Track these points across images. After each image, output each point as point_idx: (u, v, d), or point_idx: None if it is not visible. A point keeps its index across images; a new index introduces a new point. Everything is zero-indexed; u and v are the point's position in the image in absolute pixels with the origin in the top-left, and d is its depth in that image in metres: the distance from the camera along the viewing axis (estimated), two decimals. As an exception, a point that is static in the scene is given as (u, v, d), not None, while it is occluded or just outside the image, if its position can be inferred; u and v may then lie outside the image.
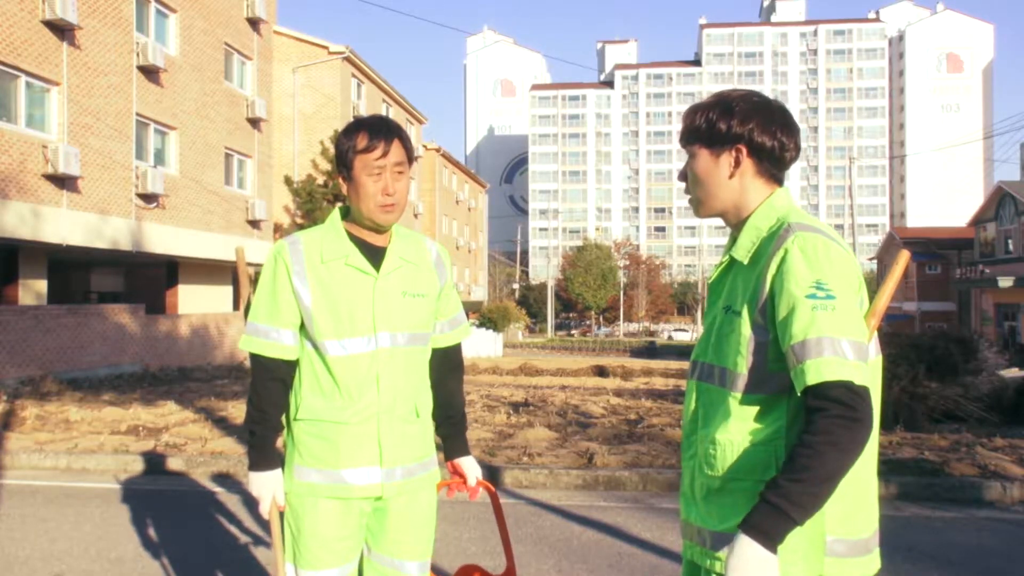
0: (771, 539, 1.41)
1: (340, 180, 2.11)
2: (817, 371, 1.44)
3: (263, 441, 2.10)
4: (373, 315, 2.07)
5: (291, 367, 2.12)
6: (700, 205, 1.77)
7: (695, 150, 1.73)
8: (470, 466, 2.32)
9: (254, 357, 2.11)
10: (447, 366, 2.32)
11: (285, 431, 2.17)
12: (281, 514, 2.17)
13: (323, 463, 2.07)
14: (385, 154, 2.05)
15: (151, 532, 5.01)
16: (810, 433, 1.43)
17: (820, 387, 1.44)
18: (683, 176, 1.80)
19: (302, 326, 2.10)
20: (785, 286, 1.53)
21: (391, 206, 2.07)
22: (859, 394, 1.44)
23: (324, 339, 2.05)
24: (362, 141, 2.05)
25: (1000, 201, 37.92)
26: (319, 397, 2.08)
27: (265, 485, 2.10)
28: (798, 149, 1.71)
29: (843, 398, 1.43)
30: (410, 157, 2.13)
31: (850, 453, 1.42)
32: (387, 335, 2.09)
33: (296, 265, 2.07)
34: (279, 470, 2.12)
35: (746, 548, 1.41)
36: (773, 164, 1.69)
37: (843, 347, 1.46)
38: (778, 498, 1.41)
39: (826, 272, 1.52)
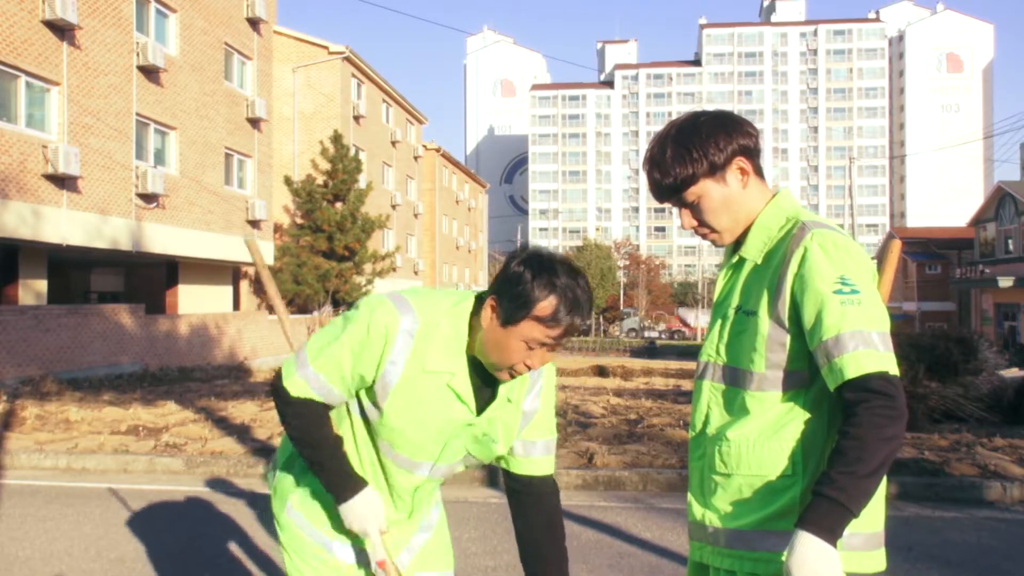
0: (833, 533, 1.41)
1: (490, 309, 1.67)
2: (857, 365, 1.46)
3: (336, 465, 1.74)
4: (441, 452, 1.80)
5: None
6: (726, 233, 1.73)
7: (699, 189, 1.68)
8: None
9: (291, 398, 1.74)
10: (540, 503, 1.86)
11: (297, 463, 1.90)
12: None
13: (316, 524, 1.86)
14: (563, 336, 1.65)
15: (151, 532, 5.01)
16: (855, 426, 1.44)
17: (859, 380, 1.46)
18: (694, 221, 1.73)
19: (359, 394, 1.80)
20: (809, 284, 1.54)
21: (520, 375, 1.73)
22: (896, 385, 1.47)
23: (382, 440, 1.79)
24: (548, 309, 1.62)
25: (1000, 201, 37.93)
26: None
27: (363, 514, 1.73)
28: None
29: (883, 389, 1.45)
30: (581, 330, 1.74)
31: (894, 442, 1.44)
32: (444, 467, 1.84)
33: (396, 354, 1.69)
34: (369, 488, 1.76)
35: (808, 545, 1.40)
36: (758, 158, 1.73)
37: (874, 339, 1.49)
38: (835, 492, 1.41)
39: (848, 267, 1.54)
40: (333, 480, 1.74)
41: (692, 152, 1.66)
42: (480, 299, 1.76)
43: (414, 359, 1.70)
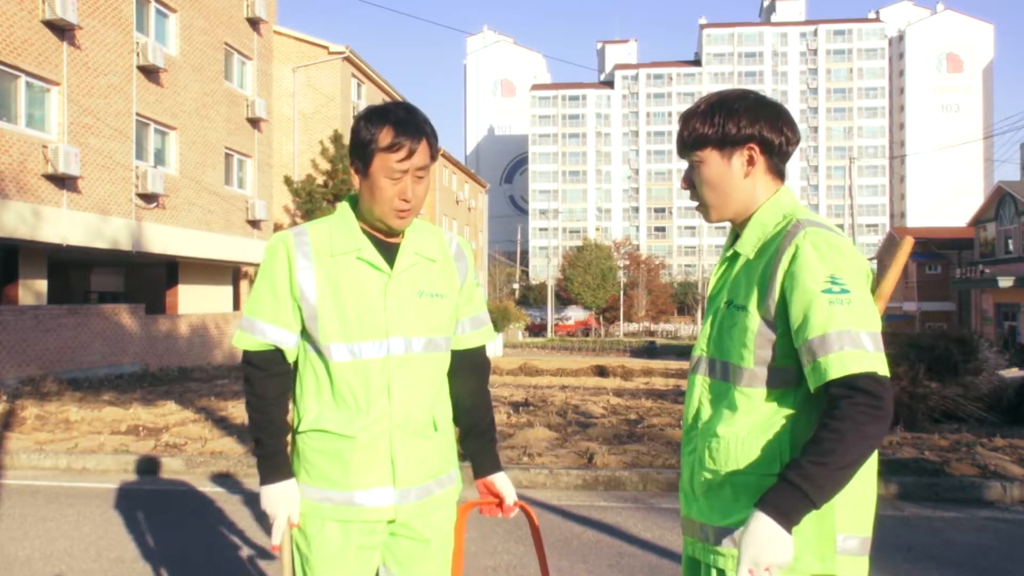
0: (788, 519, 1.41)
1: (352, 172, 1.89)
2: (841, 364, 1.45)
3: (271, 449, 1.90)
4: (386, 318, 1.88)
5: (289, 365, 1.95)
6: (712, 210, 1.74)
7: (704, 155, 1.70)
8: (504, 484, 2.03)
9: (249, 356, 1.92)
10: (468, 370, 2.07)
11: (291, 445, 1.98)
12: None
13: (331, 483, 1.88)
14: (410, 156, 1.83)
15: (151, 532, 5.01)
16: (836, 418, 1.43)
17: (844, 379, 1.45)
18: (688, 183, 1.77)
19: (303, 329, 1.91)
20: (799, 281, 1.53)
21: (406, 212, 1.87)
22: (884, 385, 1.46)
23: (329, 342, 1.86)
24: (386, 138, 1.82)
25: (1000, 201, 37.94)
26: (324, 407, 1.89)
27: (278, 500, 1.88)
28: (799, 141, 1.74)
29: (869, 388, 1.44)
30: (434, 155, 1.91)
31: (873, 441, 1.43)
32: (401, 340, 1.89)
33: (301, 259, 1.87)
34: (292, 481, 1.91)
35: (762, 525, 1.41)
36: (781, 159, 1.71)
37: (863, 340, 1.47)
38: (800, 479, 1.41)
39: (839, 266, 1.53)
40: (265, 462, 1.90)
41: (714, 118, 1.68)
42: (352, 197, 1.99)
43: (318, 254, 1.89)
